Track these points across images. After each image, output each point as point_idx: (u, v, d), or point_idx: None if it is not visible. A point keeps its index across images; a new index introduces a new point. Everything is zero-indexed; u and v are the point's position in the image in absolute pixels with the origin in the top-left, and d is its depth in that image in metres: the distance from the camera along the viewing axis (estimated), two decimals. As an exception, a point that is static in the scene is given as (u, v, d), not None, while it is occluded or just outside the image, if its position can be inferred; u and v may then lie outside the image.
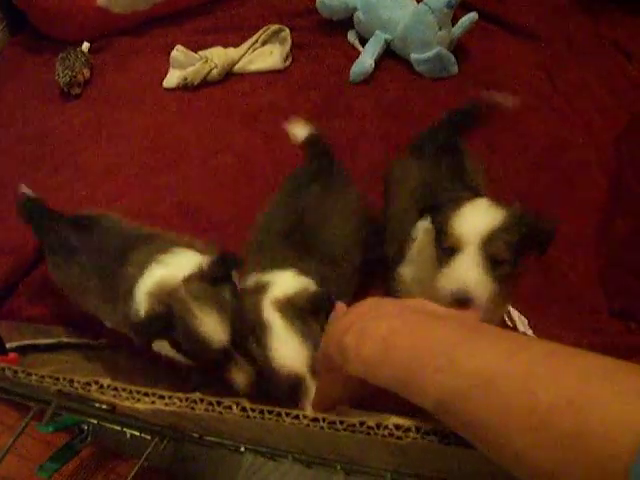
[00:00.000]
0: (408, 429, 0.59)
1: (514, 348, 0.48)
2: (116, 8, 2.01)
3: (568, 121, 1.66)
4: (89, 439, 1.17)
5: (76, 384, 0.63)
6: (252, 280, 1.00)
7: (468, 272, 0.77)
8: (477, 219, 0.81)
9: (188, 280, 0.94)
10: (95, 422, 1.06)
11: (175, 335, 0.92)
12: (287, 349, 0.88)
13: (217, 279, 0.96)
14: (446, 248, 0.83)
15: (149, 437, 1.17)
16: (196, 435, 1.06)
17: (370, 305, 0.63)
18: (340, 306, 0.80)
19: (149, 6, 2.05)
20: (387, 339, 0.55)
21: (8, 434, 1.17)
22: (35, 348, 1.35)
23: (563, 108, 1.70)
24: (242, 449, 1.06)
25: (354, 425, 0.60)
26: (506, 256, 0.81)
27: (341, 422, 0.60)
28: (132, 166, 1.71)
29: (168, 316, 0.91)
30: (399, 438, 0.59)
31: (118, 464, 1.21)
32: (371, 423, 0.60)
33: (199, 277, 0.95)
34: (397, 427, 0.59)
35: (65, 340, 1.37)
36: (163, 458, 1.21)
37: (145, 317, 0.94)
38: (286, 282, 0.96)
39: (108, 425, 1.10)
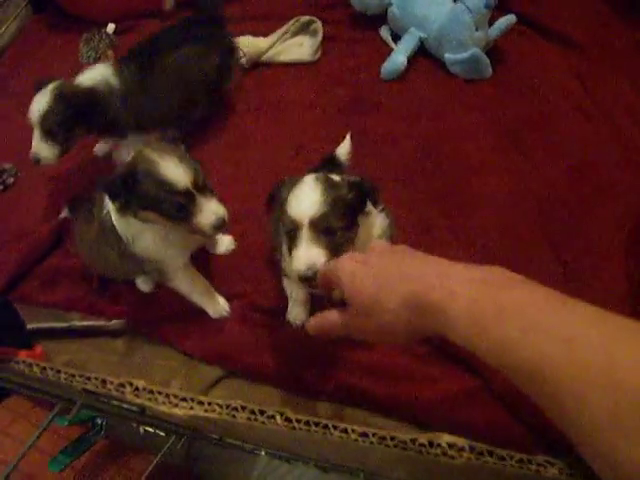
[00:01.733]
0: (462, 448, 0.56)
1: (592, 315, 0.50)
2: (143, -10, 1.97)
3: (601, 130, 1.61)
4: (102, 433, 1.13)
5: (109, 385, 0.59)
6: None
7: (305, 253, 0.85)
8: (304, 199, 0.89)
9: (148, 143, 1.07)
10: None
11: (141, 188, 1.01)
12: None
13: (173, 141, 1.09)
14: (288, 231, 0.90)
15: (163, 434, 1.14)
16: (216, 437, 1.02)
17: (431, 259, 0.66)
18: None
19: (177, -11, 2.00)
20: (478, 300, 0.56)
21: (21, 422, 1.14)
22: (48, 333, 1.31)
23: (597, 116, 1.65)
24: (262, 453, 1.03)
25: (405, 442, 0.56)
26: (338, 224, 0.88)
27: (392, 438, 0.56)
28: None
29: (134, 170, 1.02)
30: (452, 457, 0.55)
31: (131, 459, 1.18)
32: (423, 440, 0.56)
33: (157, 140, 1.11)
34: (450, 446, 0.56)
35: (77, 324, 1.34)
36: (176, 455, 1.17)
37: (113, 176, 1.04)
38: None
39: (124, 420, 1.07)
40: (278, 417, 0.56)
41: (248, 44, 1.79)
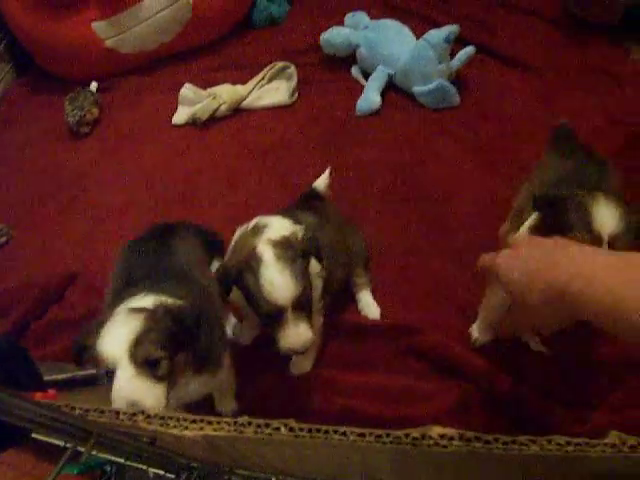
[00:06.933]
0: (452, 438, 0.60)
1: None
2: (124, 48, 2.07)
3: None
4: (112, 480, 1.15)
5: (122, 415, 0.63)
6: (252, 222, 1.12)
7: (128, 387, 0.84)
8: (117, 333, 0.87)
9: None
10: (122, 461, 1.04)
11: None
12: (277, 281, 0.97)
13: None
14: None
15: (173, 476, 1.15)
16: (226, 469, 1.05)
17: (575, 249, 0.72)
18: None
19: (156, 45, 2.10)
20: (615, 289, 0.62)
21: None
22: (51, 385, 1.33)
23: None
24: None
25: (399, 437, 0.61)
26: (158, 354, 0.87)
27: (387, 435, 0.61)
28: (143, 202, 1.73)
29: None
30: (444, 447, 0.60)
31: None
32: (416, 434, 0.61)
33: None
34: (441, 437, 0.61)
35: (81, 374, 1.36)
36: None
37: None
38: (282, 226, 1.08)
39: (134, 465, 1.09)
40: (282, 427, 0.61)
41: (227, 92, 1.88)
